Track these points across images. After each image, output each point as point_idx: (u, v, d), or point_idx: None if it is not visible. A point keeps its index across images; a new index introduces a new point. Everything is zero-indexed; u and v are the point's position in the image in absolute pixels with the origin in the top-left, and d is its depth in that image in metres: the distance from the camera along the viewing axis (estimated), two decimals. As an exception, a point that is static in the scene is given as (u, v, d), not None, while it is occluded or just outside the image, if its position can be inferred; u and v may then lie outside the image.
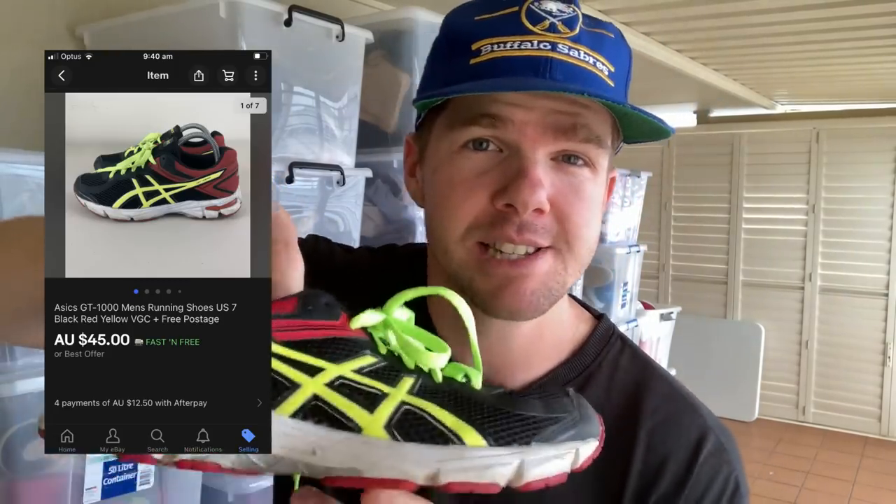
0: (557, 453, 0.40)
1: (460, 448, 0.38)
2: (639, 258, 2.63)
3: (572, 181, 0.56)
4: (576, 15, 0.56)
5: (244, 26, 1.17)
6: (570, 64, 0.54)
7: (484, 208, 0.56)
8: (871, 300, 4.30)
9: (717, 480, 0.60)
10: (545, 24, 0.55)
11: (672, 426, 0.61)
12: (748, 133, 4.60)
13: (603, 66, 0.56)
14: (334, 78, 1.37)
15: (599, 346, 0.66)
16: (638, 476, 0.60)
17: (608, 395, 0.63)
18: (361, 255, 0.76)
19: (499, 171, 0.55)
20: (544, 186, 0.54)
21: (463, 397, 0.41)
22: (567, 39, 0.55)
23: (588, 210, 0.57)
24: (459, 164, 0.57)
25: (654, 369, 0.66)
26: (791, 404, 4.61)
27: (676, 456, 0.60)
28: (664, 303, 4.40)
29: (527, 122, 0.54)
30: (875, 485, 3.73)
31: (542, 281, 0.57)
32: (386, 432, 0.38)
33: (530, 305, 0.57)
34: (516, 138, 0.55)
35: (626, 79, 0.60)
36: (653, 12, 2.23)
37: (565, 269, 0.58)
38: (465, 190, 0.56)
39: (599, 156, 0.57)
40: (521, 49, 0.55)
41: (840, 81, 3.49)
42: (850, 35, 2.51)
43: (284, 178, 1.24)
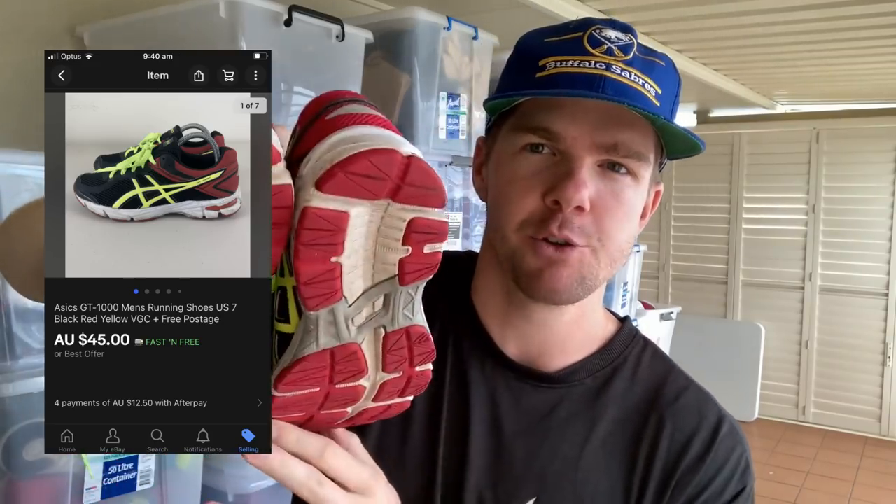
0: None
1: None
2: (639, 258, 2.63)
3: (614, 187, 0.64)
4: (631, 43, 0.65)
5: (244, 26, 1.17)
6: (621, 83, 0.62)
7: (536, 204, 0.64)
8: (871, 300, 4.30)
9: (732, 458, 0.68)
10: (603, 48, 0.64)
11: (694, 411, 0.70)
12: (748, 133, 4.60)
13: (651, 87, 0.64)
14: (334, 78, 1.37)
15: (625, 343, 0.74)
16: (665, 452, 0.68)
17: (632, 384, 0.71)
18: None
19: (550, 173, 0.64)
20: (587, 187, 0.62)
21: None
22: (621, 62, 0.63)
23: (624, 214, 0.65)
24: (518, 164, 0.66)
25: (672, 365, 0.75)
26: (791, 404, 4.61)
27: (700, 434, 0.68)
28: (664, 303, 4.41)
29: (576, 136, 0.63)
30: (875, 485, 3.73)
31: (577, 269, 0.64)
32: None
33: (566, 289, 0.65)
34: (567, 148, 0.63)
35: (674, 102, 0.67)
36: (653, 12, 2.23)
37: (598, 264, 0.65)
38: (522, 187, 0.65)
39: (641, 168, 0.65)
40: (580, 67, 0.63)
41: (840, 81, 3.49)
42: (850, 35, 2.51)
43: (284, 178, 1.24)
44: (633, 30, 0.67)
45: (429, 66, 1.51)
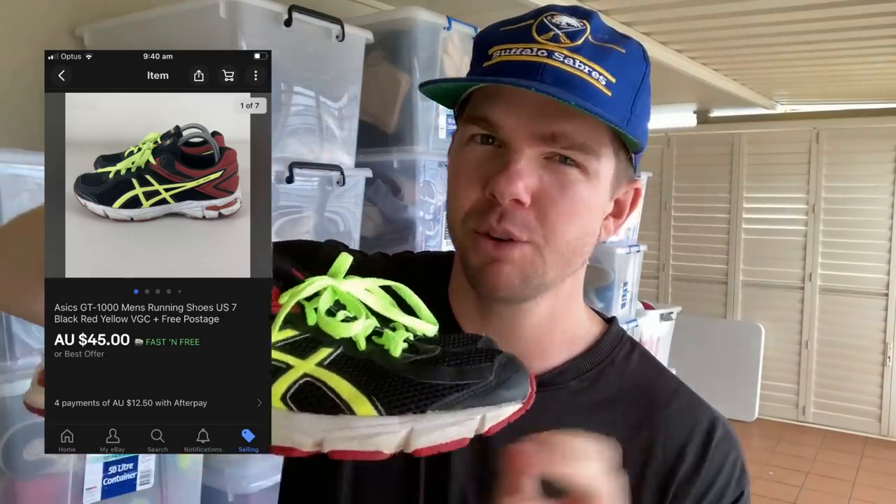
0: (454, 420, 0.41)
1: (347, 418, 0.40)
2: (639, 258, 2.63)
3: (560, 179, 0.61)
4: (583, 29, 0.61)
5: (244, 26, 1.17)
6: (562, 70, 0.59)
7: (478, 196, 0.62)
8: (871, 300, 4.30)
9: (728, 463, 0.66)
10: (549, 35, 0.61)
11: (687, 415, 0.68)
12: (748, 133, 4.60)
13: (600, 75, 0.60)
14: (334, 78, 1.37)
15: (612, 345, 0.71)
16: (660, 462, 0.65)
17: (620, 388, 0.69)
18: (375, 258, 0.81)
19: (491, 164, 0.61)
20: (523, 179, 0.59)
21: (374, 367, 0.42)
22: (565, 49, 0.60)
23: (572, 209, 0.61)
24: (464, 155, 0.64)
25: (661, 367, 0.73)
26: (791, 404, 4.61)
27: (694, 441, 0.66)
28: (664, 303, 4.40)
29: (514, 126, 0.60)
30: (875, 485, 3.72)
31: (519, 267, 0.62)
32: (283, 403, 0.40)
33: (507, 287, 0.62)
34: (506, 138, 0.61)
35: (634, 92, 0.63)
36: (653, 12, 2.23)
37: (544, 262, 0.62)
38: (466, 179, 0.63)
39: (589, 161, 0.61)
40: (521, 55, 0.60)
41: (840, 81, 3.49)
42: (850, 35, 2.51)
43: (284, 178, 1.24)
44: (593, 16, 0.63)
45: (429, 66, 1.51)
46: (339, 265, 0.46)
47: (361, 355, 0.43)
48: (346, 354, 0.42)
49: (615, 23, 2.27)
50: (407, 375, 0.41)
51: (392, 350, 0.43)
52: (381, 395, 0.40)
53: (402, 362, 0.42)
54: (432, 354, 0.43)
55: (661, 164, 4.83)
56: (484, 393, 0.42)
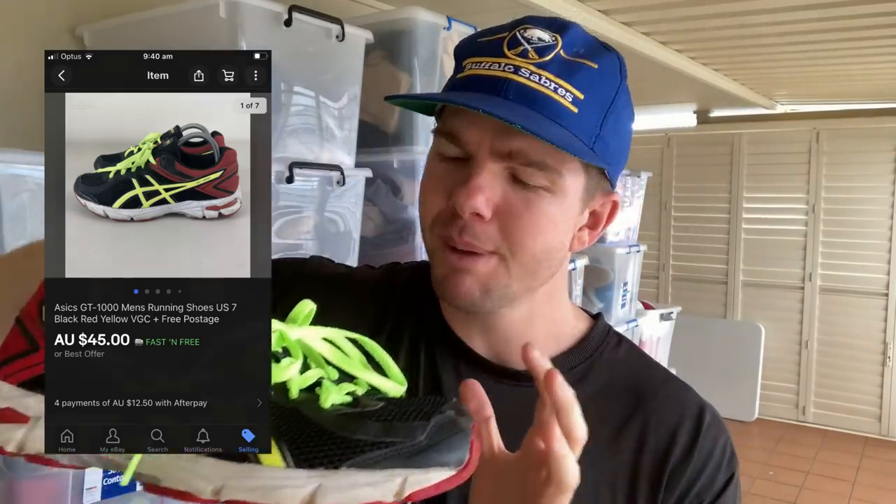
0: (370, 480, 0.37)
1: (252, 467, 0.38)
2: (639, 258, 2.63)
3: (526, 195, 0.61)
4: (553, 44, 0.61)
5: (244, 26, 1.17)
6: (527, 86, 0.60)
7: (444, 207, 0.63)
8: (871, 300, 4.30)
9: (718, 446, 0.68)
10: (518, 50, 0.61)
11: (675, 402, 0.70)
12: (748, 133, 4.60)
13: (566, 92, 0.60)
14: (334, 78, 1.37)
15: (599, 340, 0.73)
16: (653, 447, 0.67)
17: (610, 380, 0.70)
18: (361, 270, 0.82)
19: (456, 176, 0.62)
20: (483, 193, 0.60)
21: (297, 416, 0.39)
22: (532, 65, 0.60)
23: (534, 223, 0.62)
24: (434, 166, 0.65)
25: (649, 359, 0.75)
26: (791, 404, 4.61)
27: (685, 426, 0.68)
28: (664, 303, 4.40)
29: (477, 141, 0.61)
30: (875, 485, 3.73)
31: (482, 280, 0.63)
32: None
33: (467, 297, 0.63)
34: (470, 152, 0.62)
35: (605, 108, 0.63)
36: (653, 12, 2.23)
37: (508, 275, 0.63)
38: (433, 188, 0.64)
39: (551, 178, 0.61)
40: (490, 70, 0.61)
41: (840, 81, 3.49)
42: (850, 35, 2.51)
43: (284, 178, 1.24)
44: (570, 28, 0.63)
45: (429, 66, 1.51)
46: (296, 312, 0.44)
47: (289, 403, 0.40)
48: (274, 401, 0.40)
49: (615, 23, 2.27)
50: (327, 427, 0.39)
51: (322, 401, 0.40)
52: (293, 446, 0.38)
53: (330, 414, 0.40)
54: (368, 409, 0.40)
55: (661, 164, 4.83)
56: (409, 454, 0.38)
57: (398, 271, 0.80)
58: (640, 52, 2.46)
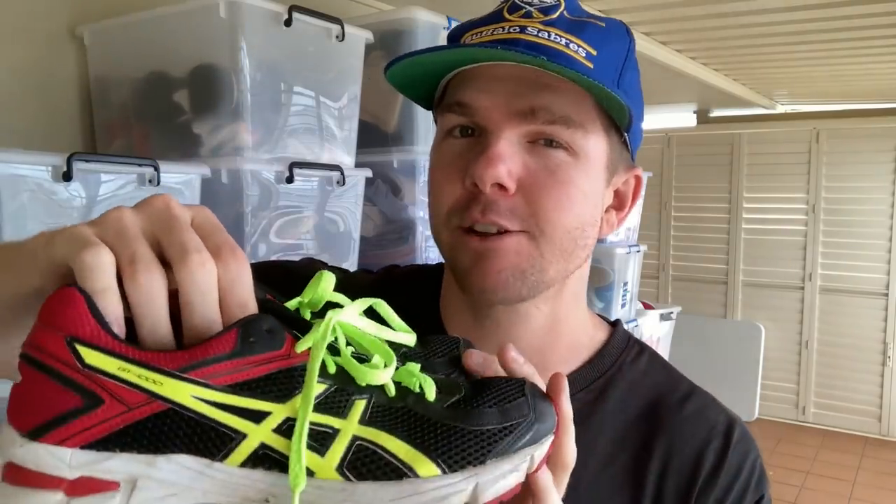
0: (513, 466, 0.38)
1: (414, 482, 0.36)
2: (639, 258, 2.63)
3: (548, 163, 0.56)
4: (556, 4, 0.57)
5: (244, 26, 1.17)
6: (538, 43, 0.55)
7: (460, 191, 0.57)
8: (871, 300, 4.30)
9: (746, 465, 0.62)
10: (521, 12, 0.57)
11: (702, 418, 0.63)
12: (748, 133, 4.60)
13: (578, 47, 0.56)
14: (334, 78, 1.37)
15: (619, 351, 0.67)
16: (677, 470, 0.61)
17: (631, 395, 0.64)
18: (358, 274, 0.78)
19: (471, 154, 0.56)
20: (504, 162, 0.54)
21: (416, 417, 0.38)
22: (539, 23, 0.56)
23: (564, 193, 0.56)
24: (443, 150, 0.59)
25: (672, 370, 0.68)
26: (791, 404, 4.61)
27: (712, 445, 0.62)
28: (664, 303, 4.40)
29: (490, 106, 0.55)
30: (875, 485, 3.72)
31: (513, 262, 0.56)
32: (338, 474, 0.36)
33: (499, 284, 0.56)
34: (483, 122, 0.56)
35: (619, 65, 0.59)
36: (653, 12, 2.23)
37: (541, 255, 0.56)
38: (445, 174, 0.58)
39: (576, 137, 0.56)
40: (493, 35, 0.56)
41: (840, 81, 3.49)
42: (850, 35, 2.51)
43: (284, 178, 1.24)
44: None
45: (429, 66, 1.50)
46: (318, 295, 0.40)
47: (395, 403, 0.38)
48: (380, 404, 0.38)
49: (615, 23, 2.26)
50: (454, 423, 0.37)
51: (426, 394, 0.39)
52: (439, 451, 0.36)
53: (439, 407, 0.38)
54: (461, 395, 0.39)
55: (661, 164, 4.82)
56: (527, 431, 0.39)
57: (396, 273, 0.76)
58: (639, 52, 2.44)
